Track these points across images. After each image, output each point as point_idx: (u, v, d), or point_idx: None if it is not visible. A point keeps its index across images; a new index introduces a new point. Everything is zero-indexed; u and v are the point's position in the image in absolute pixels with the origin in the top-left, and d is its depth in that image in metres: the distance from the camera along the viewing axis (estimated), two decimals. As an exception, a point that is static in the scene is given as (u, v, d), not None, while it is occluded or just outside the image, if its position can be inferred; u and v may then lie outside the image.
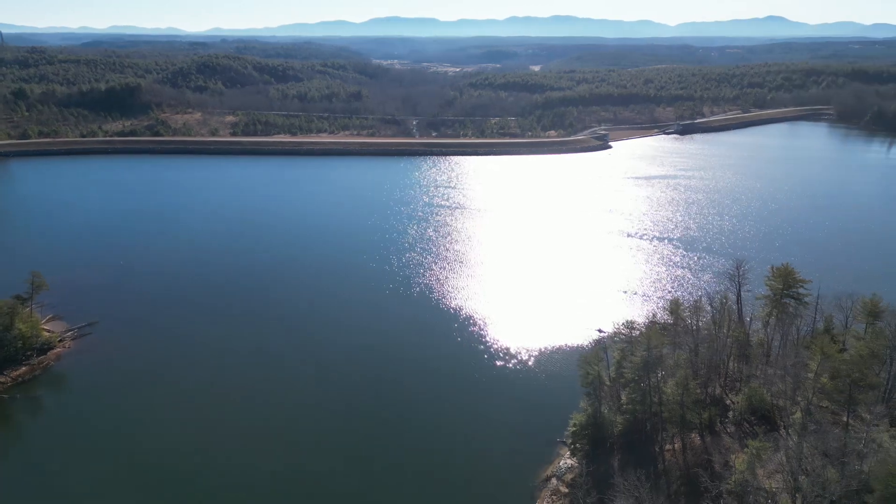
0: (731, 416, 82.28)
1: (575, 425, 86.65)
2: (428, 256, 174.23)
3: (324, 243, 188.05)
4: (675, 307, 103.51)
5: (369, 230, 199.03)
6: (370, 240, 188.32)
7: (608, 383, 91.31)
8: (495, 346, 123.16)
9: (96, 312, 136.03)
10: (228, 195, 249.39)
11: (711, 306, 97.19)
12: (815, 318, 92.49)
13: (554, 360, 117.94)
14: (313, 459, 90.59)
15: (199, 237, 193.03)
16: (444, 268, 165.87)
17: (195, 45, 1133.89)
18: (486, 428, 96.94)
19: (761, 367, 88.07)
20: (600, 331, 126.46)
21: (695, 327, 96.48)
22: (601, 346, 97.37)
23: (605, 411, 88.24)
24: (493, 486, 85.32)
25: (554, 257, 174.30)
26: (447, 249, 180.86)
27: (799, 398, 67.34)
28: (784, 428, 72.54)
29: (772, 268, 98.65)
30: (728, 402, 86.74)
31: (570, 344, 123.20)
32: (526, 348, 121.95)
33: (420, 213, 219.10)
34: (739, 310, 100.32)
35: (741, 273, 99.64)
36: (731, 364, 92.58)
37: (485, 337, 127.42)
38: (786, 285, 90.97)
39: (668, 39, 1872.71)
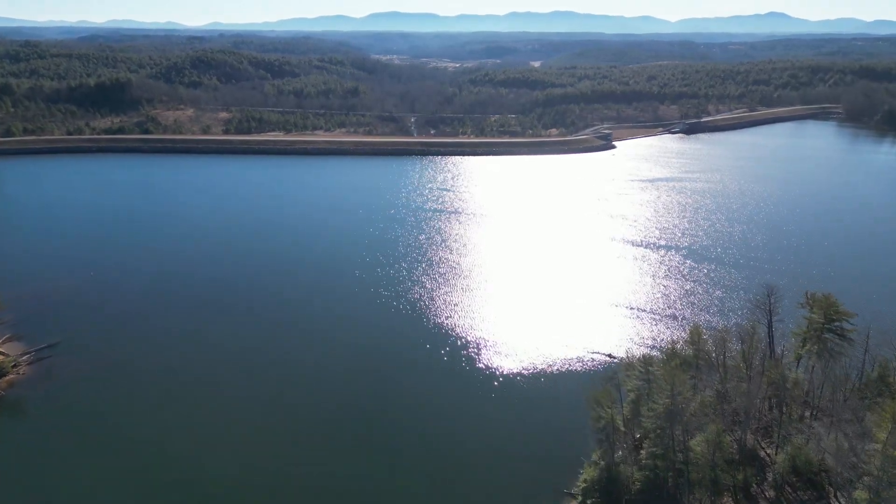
0: (770, 478, 71.02)
1: (585, 480, 75.63)
2: (422, 265, 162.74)
3: (315, 250, 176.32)
4: (695, 336, 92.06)
5: (361, 235, 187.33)
6: (361, 246, 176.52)
7: (623, 428, 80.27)
8: (493, 370, 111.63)
9: (61, 330, 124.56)
10: (215, 198, 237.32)
11: (741, 340, 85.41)
12: (864, 359, 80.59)
13: (559, 387, 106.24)
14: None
15: (182, 244, 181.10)
16: (439, 278, 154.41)
17: (192, 40, 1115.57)
18: (485, 470, 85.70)
19: (801, 416, 76.74)
20: (610, 356, 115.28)
21: (720, 362, 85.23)
22: (613, 382, 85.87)
23: (620, 462, 77.15)
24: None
25: (557, 267, 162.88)
26: (442, 258, 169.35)
27: (861, 472, 56.37)
28: (836, 498, 61.55)
29: (807, 294, 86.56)
30: (763, 455, 75.41)
31: (577, 369, 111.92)
32: (527, 374, 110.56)
33: (415, 218, 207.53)
34: (771, 345, 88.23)
35: (772, 301, 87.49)
36: (764, 407, 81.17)
37: (482, 359, 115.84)
38: (827, 318, 79.23)
39: (669, 35, 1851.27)
